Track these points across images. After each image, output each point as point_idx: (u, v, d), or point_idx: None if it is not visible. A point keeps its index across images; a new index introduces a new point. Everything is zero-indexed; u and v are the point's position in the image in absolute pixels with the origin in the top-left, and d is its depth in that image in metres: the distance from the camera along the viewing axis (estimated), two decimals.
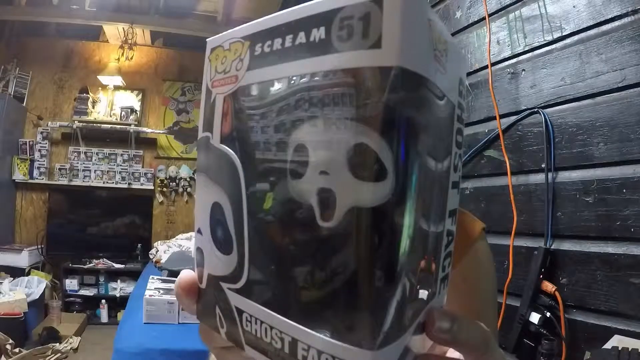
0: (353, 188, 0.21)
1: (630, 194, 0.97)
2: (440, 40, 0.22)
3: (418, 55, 0.20)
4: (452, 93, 0.25)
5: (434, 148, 0.23)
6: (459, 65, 0.25)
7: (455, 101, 0.25)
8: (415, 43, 0.20)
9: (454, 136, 0.26)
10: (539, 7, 1.24)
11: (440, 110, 0.24)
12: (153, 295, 1.94)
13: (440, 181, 0.25)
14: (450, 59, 0.24)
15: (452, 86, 0.25)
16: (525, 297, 1.16)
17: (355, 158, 0.21)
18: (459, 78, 0.26)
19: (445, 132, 0.25)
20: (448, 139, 0.25)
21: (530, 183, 1.23)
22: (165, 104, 4.74)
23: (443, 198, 0.25)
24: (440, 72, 0.22)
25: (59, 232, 4.19)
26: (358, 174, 0.21)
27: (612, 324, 0.98)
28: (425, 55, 0.21)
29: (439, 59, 0.22)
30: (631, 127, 0.97)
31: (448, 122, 0.25)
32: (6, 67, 4.20)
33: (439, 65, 0.22)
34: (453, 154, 0.26)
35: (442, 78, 0.23)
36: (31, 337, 3.15)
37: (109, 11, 4.02)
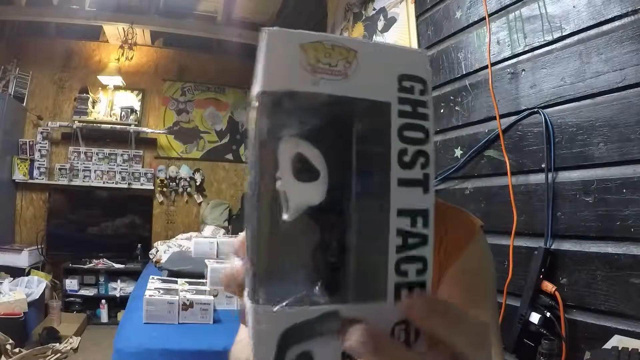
0: (296, 188, 0.26)
1: (630, 194, 0.97)
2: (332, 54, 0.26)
3: (283, 78, 0.26)
4: (380, 92, 0.27)
5: (362, 147, 0.27)
6: (393, 64, 0.28)
7: (391, 98, 0.27)
8: (281, 70, 0.26)
9: (393, 132, 0.27)
10: (539, 7, 1.24)
11: (350, 111, 0.27)
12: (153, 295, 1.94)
13: (377, 179, 0.26)
14: (367, 63, 0.27)
15: (378, 86, 0.27)
16: (525, 297, 1.16)
17: (295, 164, 0.26)
18: (398, 75, 0.27)
19: (378, 130, 0.27)
20: (383, 136, 0.27)
21: (530, 183, 1.23)
22: (165, 104, 4.74)
23: (383, 196, 0.26)
24: (334, 80, 0.26)
25: (59, 232, 4.19)
26: (298, 176, 0.26)
27: (612, 324, 0.98)
28: (296, 74, 0.25)
29: (326, 70, 0.26)
30: (631, 127, 0.97)
31: (380, 120, 0.27)
32: (6, 67, 4.20)
33: (330, 75, 0.26)
34: (394, 150, 0.27)
35: (342, 84, 0.26)
36: (31, 337, 3.14)
37: (109, 11, 4.02)
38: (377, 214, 0.26)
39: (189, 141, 4.77)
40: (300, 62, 0.26)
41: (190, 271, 2.56)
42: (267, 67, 0.25)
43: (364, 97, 0.26)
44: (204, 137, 4.80)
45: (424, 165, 0.27)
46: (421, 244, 0.27)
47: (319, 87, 0.26)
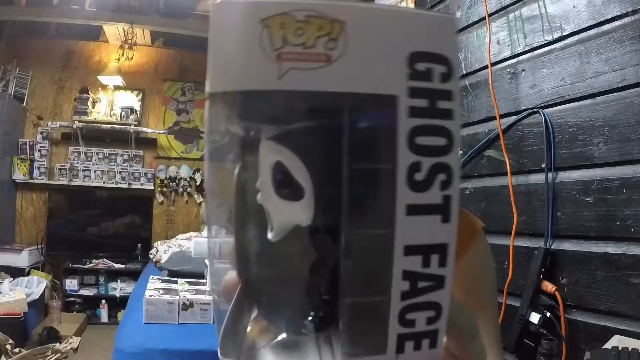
0: (278, 207, 0.21)
1: (630, 194, 0.97)
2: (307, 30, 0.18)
3: (236, 73, 0.18)
4: (380, 81, 0.19)
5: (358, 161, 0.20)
6: (403, 37, 0.19)
7: (398, 90, 0.19)
8: (234, 62, 0.18)
9: (401, 139, 0.19)
10: (539, 7, 1.24)
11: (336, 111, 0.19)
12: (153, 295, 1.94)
13: (377, 206, 0.20)
14: (361, 39, 0.19)
15: (378, 72, 0.19)
16: (525, 297, 1.16)
17: (274, 176, 0.21)
18: (408, 54, 0.19)
19: (377, 137, 0.20)
20: (385, 146, 0.20)
21: (530, 183, 1.23)
22: (165, 104, 4.74)
23: (385, 229, 0.20)
24: (309, 70, 0.18)
25: (59, 232, 4.19)
26: (279, 192, 0.21)
27: (612, 324, 0.98)
28: (254, 66, 0.18)
29: (298, 55, 0.18)
30: (631, 127, 0.97)
31: (380, 123, 0.20)
32: (6, 67, 4.20)
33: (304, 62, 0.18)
34: (402, 165, 0.19)
35: (322, 74, 0.18)
36: (31, 337, 3.14)
37: (109, 11, 4.01)
38: (377, 251, 0.20)
39: (189, 141, 4.77)
40: (261, 45, 0.18)
41: (190, 271, 2.56)
42: (214, 57, 0.19)
43: (356, 91, 0.19)
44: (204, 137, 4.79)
45: (445, 185, 0.20)
46: (435, 288, 0.20)
47: (285, 82, 0.18)
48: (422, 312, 0.21)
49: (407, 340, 0.21)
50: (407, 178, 0.19)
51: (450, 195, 0.20)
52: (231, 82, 0.18)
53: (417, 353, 0.21)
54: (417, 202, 0.19)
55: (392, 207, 0.19)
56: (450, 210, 0.20)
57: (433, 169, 0.19)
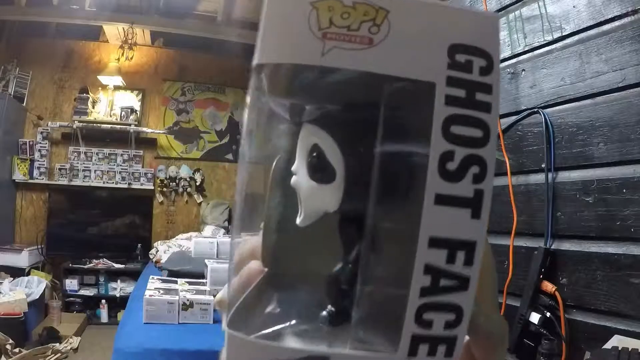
0: (309, 189, 0.21)
1: (630, 194, 0.97)
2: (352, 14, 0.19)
3: (283, 47, 0.20)
4: (420, 68, 0.19)
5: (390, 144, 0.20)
6: (444, 29, 0.20)
7: (437, 77, 0.19)
8: (283, 37, 0.19)
9: (436, 126, 0.19)
10: (539, 7, 1.24)
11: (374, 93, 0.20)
12: (153, 295, 1.94)
13: (405, 191, 0.20)
14: (403, 28, 0.19)
15: (418, 59, 0.19)
16: (525, 297, 1.16)
17: (310, 159, 0.21)
18: (449, 45, 0.20)
19: (410, 122, 0.20)
20: (420, 132, 0.20)
21: (530, 183, 1.23)
22: (165, 104, 4.74)
23: (411, 216, 0.19)
24: (352, 50, 0.19)
25: (59, 232, 4.19)
26: (312, 174, 0.21)
27: (612, 324, 0.98)
28: (301, 41, 0.19)
29: (342, 36, 0.19)
30: (631, 127, 0.97)
31: (417, 109, 0.20)
32: (6, 67, 4.19)
33: (347, 42, 0.19)
34: (435, 152, 0.19)
35: (363, 55, 0.19)
36: (31, 337, 3.14)
37: (109, 11, 4.01)
38: (401, 239, 0.20)
39: (189, 141, 4.77)
40: (309, 24, 0.19)
41: (190, 271, 2.56)
42: (265, 32, 0.20)
43: (395, 74, 0.19)
44: (204, 137, 4.80)
45: (478, 178, 0.19)
46: (458, 289, 0.19)
47: (327, 59, 0.19)
48: (441, 314, 0.19)
49: (422, 343, 0.20)
50: (438, 166, 0.19)
51: (482, 189, 0.19)
52: (277, 55, 0.20)
53: (430, 359, 0.20)
54: (448, 192, 0.19)
55: (420, 194, 0.19)
56: (482, 205, 0.19)
57: (466, 160, 0.19)
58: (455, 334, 0.20)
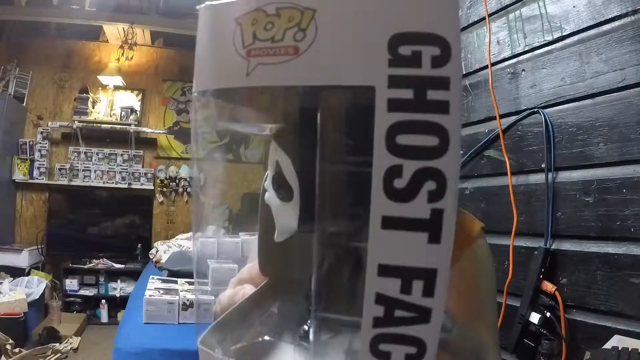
0: (276, 207, 0.21)
1: (630, 194, 0.97)
2: (276, 23, 0.17)
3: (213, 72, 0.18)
4: (350, 71, 0.16)
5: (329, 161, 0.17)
6: (378, 19, 0.16)
7: (378, 79, 0.16)
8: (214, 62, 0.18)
9: (378, 137, 0.16)
10: (539, 7, 1.24)
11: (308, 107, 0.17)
12: (153, 295, 1.94)
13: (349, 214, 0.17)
14: (332, 26, 0.16)
15: (345, 62, 0.16)
16: (525, 297, 1.16)
17: (273, 176, 0.20)
18: (389, 37, 0.16)
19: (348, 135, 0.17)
20: (358, 145, 0.16)
21: (530, 183, 1.23)
22: (165, 104, 4.74)
23: (358, 241, 0.17)
24: (276, 65, 0.17)
25: (59, 232, 4.19)
26: (276, 192, 0.21)
27: (612, 324, 0.98)
28: (228, 64, 0.17)
29: (266, 50, 0.17)
30: (631, 127, 0.97)
31: (350, 119, 0.17)
32: (6, 67, 4.19)
33: (271, 56, 0.17)
34: (379, 169, 0.16)
35: (288, 68, 0.16)
36: (31, 337, 3.14)
37: (109, 11, 4.01)
38: (350, 265, 0.18)
39: (189, 141, 4.75)
40: (234, 43, 0.17)
41: (190, 271, 2.55)
42: (197, 59, 0.19)
43: (325, 84, 0.16)
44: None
45: (435, 196, 0.16)
46: (417, 321, 0.17)
47: (252, 78, 0.17)
48: (400, 346, 0.17)
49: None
50: (383, 184, 0.16)
51: (441, 209, 0.16)
52: (206, 82, 0.18)
53: None
54: (397, 214, 0.16)
55: (365, 218, 0.16)
56: (442, 227, 0.16)
57: (418, 175, 0.16)
58: None
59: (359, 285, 0.17)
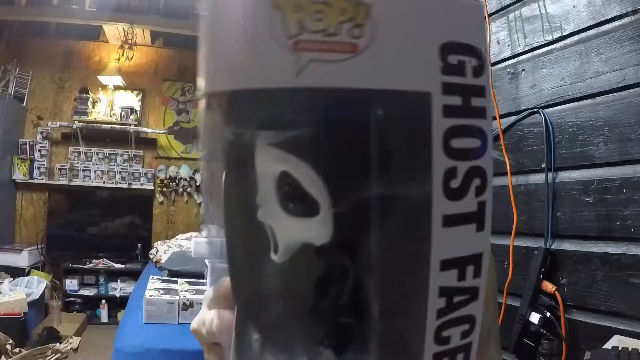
0: (288, 225, 0.18)
1: (630, 194, 0.97)
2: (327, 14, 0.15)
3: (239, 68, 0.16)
4: (412, 77, 0.16)
5: (388, 169, 0.17)
6: (434, 25, 0.17)
7: (431, 86, 0.16)
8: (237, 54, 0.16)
9: (435, 143, 0.16)
10: (539, 7, 1.24)
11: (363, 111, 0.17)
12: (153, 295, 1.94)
13: (410, 219, 0.18)
14: (388, 26, 0.16)
15: (409, 66, 0.16)
16: (525, 297, 1.16)
17: (281, 190, 0.18)
18: (440, 45, 0.16)
19: (408, 142, 0.17)
20: (419, 151, 0.17)
21: (530, 183, 1.23)
22: (165, 104, 4.74)
23: (420, 245, 0.17)
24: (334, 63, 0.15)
25: (59, 232, 4.19)
26: (287, 207, 0.18)
27: (612, 324, 0.98)
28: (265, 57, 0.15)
29: (319, 44, 0.15)
30: (631, 127, 0.97)
31: (413, 124, 0.17)
32: (6, 67, 4.19)
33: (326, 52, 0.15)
34: (438, 172, 0.17)
35: (348, 68, 0.15)
36: (31, 337, 3.14)
37: (109, 11, 4.01)
38: (411, 268, 0.18)
39: (189, 141, 4.77)
40: (273, 32, 0.15)
41: (190, 271, 2.56)
42: (213, 49, 0.15)
43: (387, 88, 0.16)
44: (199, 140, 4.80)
45: (480, 190, 0.18)
46: (470, 301, 0.19)
47: (305, 78, 0.15)
48: (457, 327, 0.19)
49: (443, 358, 0.19)
50: (443, 186, 0.17)
51: (484, 200, 0.18)
52: (237, 79, 0.16)
53: None
54: (454, 211, 0.17)
55: (428, 221, 0.17)
56: (485, 217, 0.18)
57: (469, 174, 0.17)
58: (470, 341, 0.19)
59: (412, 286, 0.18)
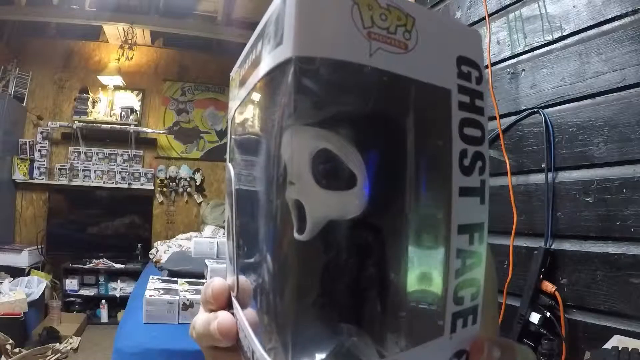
0: (322, 199, 0.20)
1: (630, 194, 0.97)
2: (389, 17, 0.20)
3: (329, 40, 0.18)
4: (440, 76, 0.21)
5: (416, 146, 0.21)
6: (451, 42, 0.22)
7: (451, 85, 0.21)
8: (326, 29, 0.18)
9: (454, 128, 0.21)
10: (539, 7, 1.24)
11: (409, 97, 0.21)
12: (153, 295, 1.94)
13: (433, 188, 0.22)
14: (429, 37, 0.21)
15: (438, 68, 0.21)
16: (525, 297, 1.16)
17: (319, 166, 0.20)
18: (456, 57, 0.22)
19: (436, 125, 0.22)
20: (442, 134, 0.21)
21: (530, 183, 1.23)
22: (165, 104, 4.74)
23: (442, 208, 0.21)
24: (393, 54, 0.19)
25: (59, 232, 4.19)
26: (322, 182, 0.20)
27: (612, 324, 0.98)
28: (347, 37, 0.18)
29: (384, 38, 0.19)
30: (631, 127, 0.97)
31: (438, 112, 0.22)
32: (6, 67, 4.19)
33: (388, 45, 0.19)
34: (455, 152, 0.21)
35: (402, 60, 0.20)
36: (31, 337, 3.14)
37: (109, 11, 4.01)
38: (437, 232, 0.21)
39: (189, 141, 4.77)
40: (354, 20, 0.19)
41: (190, 271, 2.56)
42: (302, 18, 0.18)
43: (425, 80, 0.20)
44: (204, 137, 4.80)
45: (482, 171, 0.22)
46: (477, 264, 0.22)
47: (375, 60, 0.19)
48: (468, 289, 0.22)
49: (459, 318, 0.22)
50: (459, 163, 0.21)
51: (484, 179, 0.23)
52: (321, 49, 0.18)
53: (464, 330, 0.22)
54: (466, 184, 0.22)
55: (449, 189, 0.21)
56: (485, 192, 0.23)
57: (475, 156, 0.22)
58: (477, 303, 0.22)
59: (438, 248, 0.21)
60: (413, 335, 0.21)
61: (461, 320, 0.22)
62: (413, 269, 0.21)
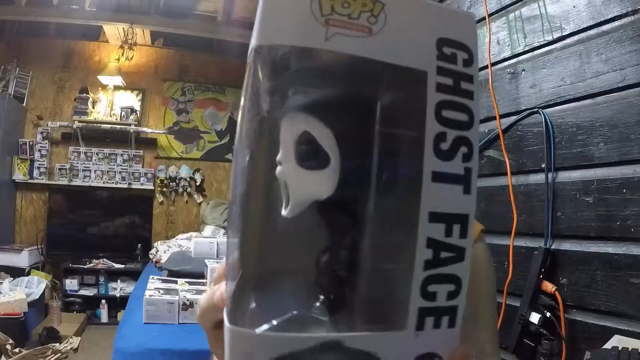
0: (300, 178, 0.21)
1: (630, 194, 0.97)
2: (352, 4, 0.20)
3: (288, 29, 0.20)
4: (414, 58, 0.21)
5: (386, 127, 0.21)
6: (432, 25, 0.22)
7: (428, 67, 0.21)
8: (286, 19, 0.20)
9: (429, 109, 0.21)
10: (539, 7, 1.24)
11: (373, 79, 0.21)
12: (153, 295, 1.94)
13: (405, 171, 0.21)
14: (398, 20, 0.21)
15: (412, 50, 0.21)
16: (525, 297, 1.16)
17: (299, 146, 0.21)
18: (437, 39, 0.21)
19: (408, 106, 0.21)
20: (415, 115, 0.21)
21: (530, 183, 1.23)
22: (165, 104, 4.74)
23: (412, 194, 0.20)
24: (353, 37, 0.20)
25: (59, 232, 4.19)
26: (302, 163, 0.21)
27: (612, 324, 0.98)
28: (303, 25, 0.20)
29: (344, 23, 0.20)
30: (631, 127, 0.97)
31: (411, 94, 0.21)
32: (6, 67, 4.19)
33: (349, 30, 0.20)
34: (430, 134, 0.20)
35: (363, 42, 0.20)
36: (31, 337, 3.14)
37: (109, 11, 4.01)
38: (403, 216, 0.21)
39: (189, 141, 4.77)
40: (312, 10, 0.20)
41: (190, 271, 2.56)
42: (265, 13, 0.20)
43: (392, 62, 0.20)
44: (204, 137, 4.80)
45: (467, 157, 0.21)
46: (456, 260, 0.21)
47: (331, 43, 0.20)
48: (443, 285, 0.21)
49: (428, 316, 0.21)
50: (433, 146, 0.20)
51: (471, 167, 0.21)
52: (280, 37, 0.20)
53: (436, 332, 0.21)
54: (442, 170, 0.21)
55: (419, 173, 0.20)
56: (471, 181, 0.21)
57: (456, 141, 0.21)
58: (456, 304, 0.21)
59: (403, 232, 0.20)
60: (370, 320, 0.21)
61: (431, 319, 0.20)
62: (379, 253, 0.21)
